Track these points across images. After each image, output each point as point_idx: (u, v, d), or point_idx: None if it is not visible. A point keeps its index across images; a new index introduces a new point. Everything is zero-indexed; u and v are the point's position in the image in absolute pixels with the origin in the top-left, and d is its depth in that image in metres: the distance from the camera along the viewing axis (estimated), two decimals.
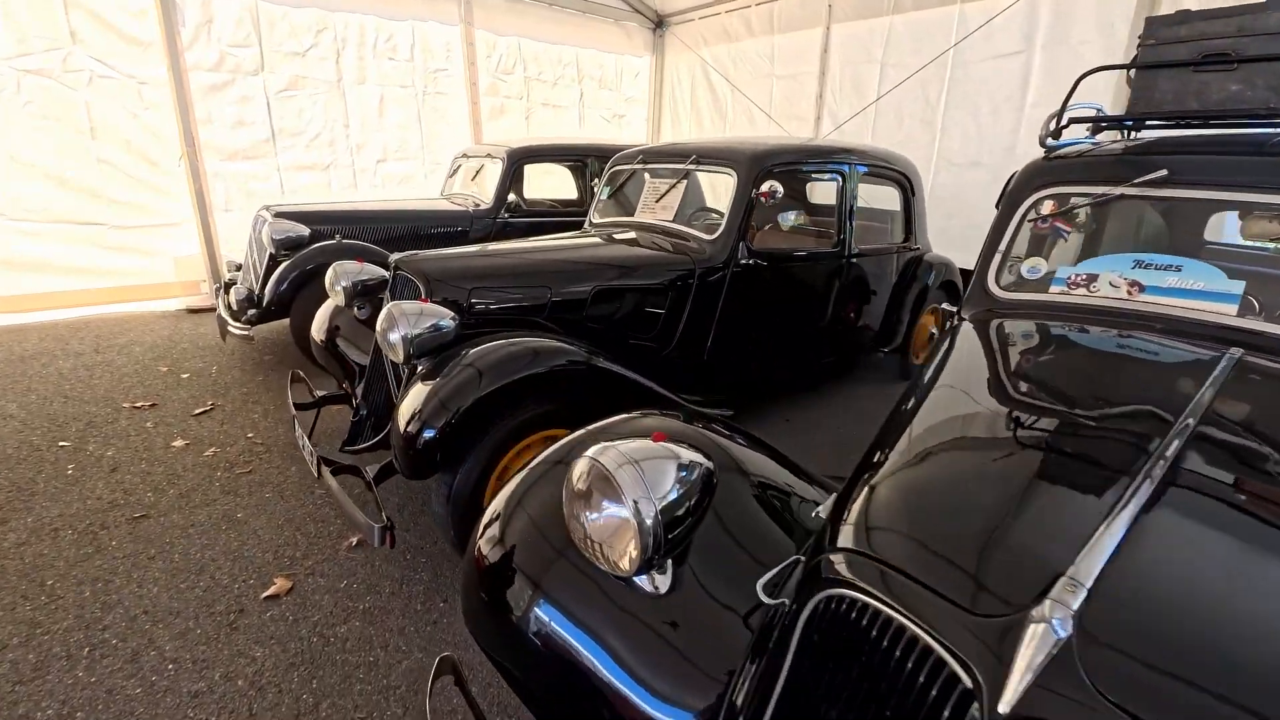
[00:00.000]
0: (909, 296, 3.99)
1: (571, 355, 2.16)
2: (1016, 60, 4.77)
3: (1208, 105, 1.88)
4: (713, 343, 2.99)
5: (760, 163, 2.92)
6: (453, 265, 2.53)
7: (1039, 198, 1.96)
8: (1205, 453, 1.07)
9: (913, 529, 0.97)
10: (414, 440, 1.89)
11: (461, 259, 2.61)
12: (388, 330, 2.09)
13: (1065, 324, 1.75)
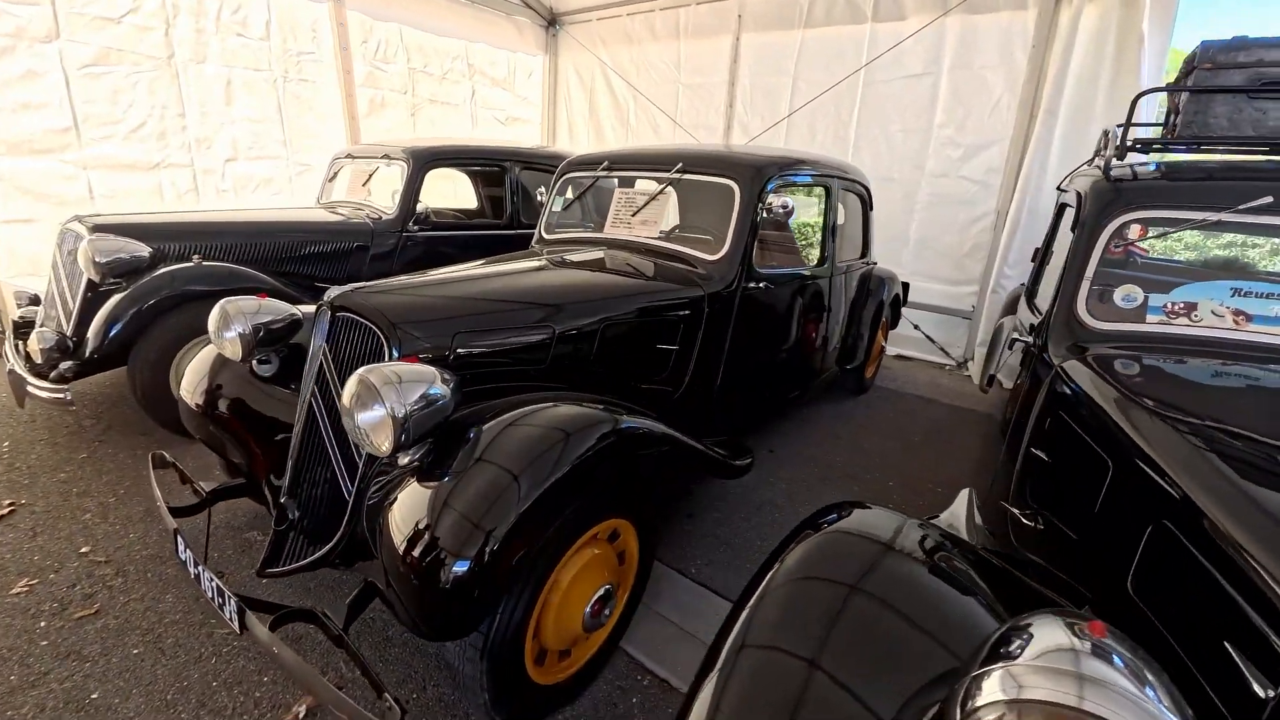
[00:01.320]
0: (866, 313, 3.93)
1: (622, 421, 1.65)
2: (924, 81, 4.98)
3: (1263, 132, 1.88)
4: (722, 379, 2.61)
5: (765, 174, 2.60)
6: (423, 302, 1.90)
7: (1126, 220, 1.82)
8: None
9: None
10: (437, 581, 1.27)
11: (429, 292, 1.97)
12: (360, 409, 1.43)
13: (1225, 362, 1.61)
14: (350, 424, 1.45)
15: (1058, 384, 1.69)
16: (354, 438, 1.48)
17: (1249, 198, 1.66)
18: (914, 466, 3.31)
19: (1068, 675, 0.66)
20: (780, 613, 0.95)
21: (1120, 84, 4.15)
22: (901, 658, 0.88)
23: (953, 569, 1.06)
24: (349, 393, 1.43)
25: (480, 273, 2.29)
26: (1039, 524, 1.57)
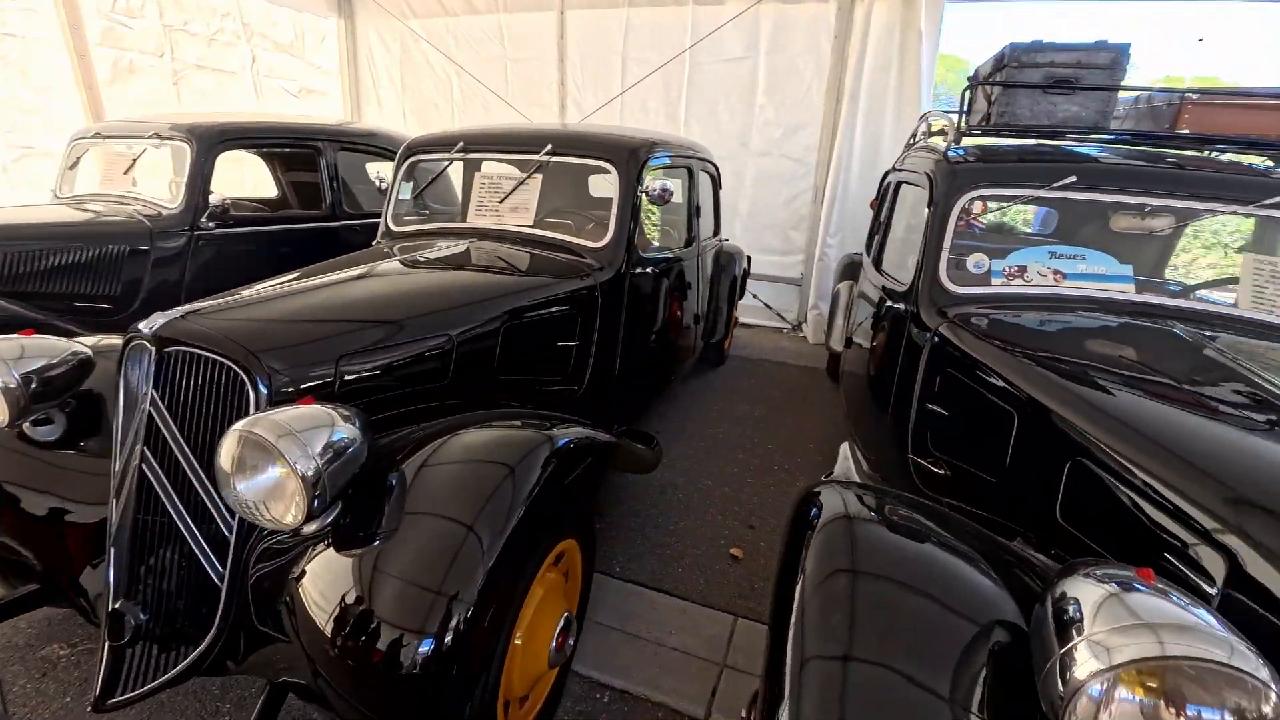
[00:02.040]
0: (723, 288, 4.11)
1: (557, 438, 1.50)
2: (745, 65, 5.27)
3: (1054, 122, 2.26)
4: (619, 370, 2.53)
5: (640, 156, 2.54)
6: (287, 322, 1.55)
7: (971, 197, 2.08)
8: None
9: None
10: (399, 668, 1.04)
11: (287, 308, 1.62)
12: (247, 475, 1.11)
13: (1062, 315, 1.91)
14: (233, 495, 1.12)
15: (941, 344, 1.90)
16: (240, 510, 1.15)
17: (1059, 177, 1.99)
18: (786, 428, 3.57)
19: (1143, 628, 0.72)
20: (827, 620, 0.93)
21: (906, 73, 4.76)
22: (944, 635, 0.91)
23: (938, 535, 1.12)
24: (227, 455, 1.10)
25: (340, 277, 1.93)
26: (946, 472, 1.77)
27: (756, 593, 2.19)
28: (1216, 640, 0.71)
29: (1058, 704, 0.74)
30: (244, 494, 1.10)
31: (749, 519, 2.63)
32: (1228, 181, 1.97)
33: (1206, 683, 0.69)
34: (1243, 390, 1.41)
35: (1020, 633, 0.91)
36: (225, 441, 1.11)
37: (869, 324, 2.80)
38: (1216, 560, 1.00)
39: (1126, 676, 0.70)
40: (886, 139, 4.99)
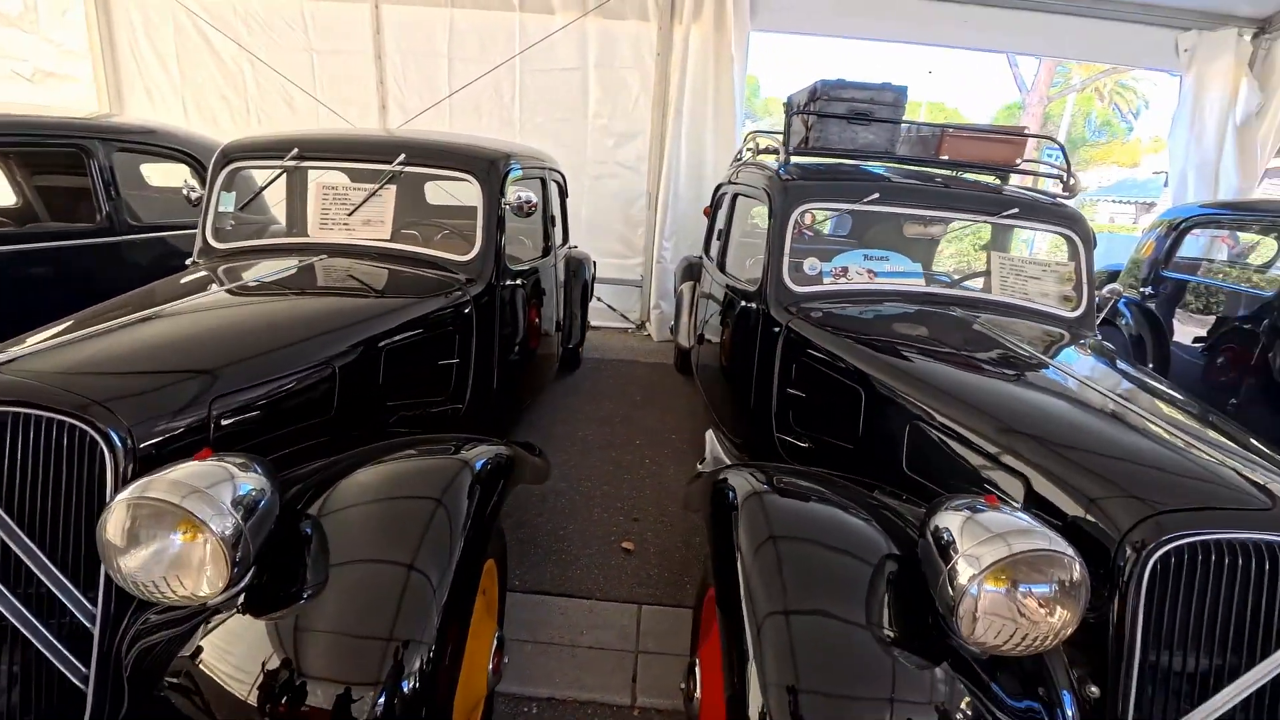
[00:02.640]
0: (575, 294, 4.22)
1: (474, 460, 1.49)
2: (576, 75, 5.40)
3: (858, 146, 2.71)
4: (497, 385, 2.51)
5: (501, 167, 2.53)
6: (143, 362, 1.34)
7: (802, 210, 2.43)
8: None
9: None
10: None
11: (131, 344, 1.41)
12: (143, 545, 0.96)
13: (873, 305, 2.31)
14: (127, 577, 0.96)
15: (792, 336, 2.21)
16: (138, 591, 0.98)
17: (868, 193, 2.41)
18: (648, 423, 3.78)
19: (995, 538, 0.98)
20: (768, 584, 1.09)
21: (721, 91, 5.27)
22: (854, 575, 1.12)
23: (828, 496, 1.35)
24: (116, 529, 0.94)
25: (183, 307, 1.69)
26: (810, 445, 2.07)
27: (653, 580, 2.33)
28: (1039, 535, 1.00)
29: (951, 605, 0.98)
30: (141, 573, 0.95)
31: (632, 512, 2.78)
32: (976, 197, 2.55)
33: (1039, 566, 0.97)
34: (999, 353, 1.89)
35: (904, 560, 1.16)
36: (111, 515, 0.95)
37: (719, 321, 3.10)
38: (1015, 483, 1.35)
39: (991, 576, 0.96)
40: (709, 150, 5.47)
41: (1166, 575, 1.08)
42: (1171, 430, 1.39)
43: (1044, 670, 1.11)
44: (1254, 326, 3.61)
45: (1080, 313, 2.40)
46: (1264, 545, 1.07)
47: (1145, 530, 1.10)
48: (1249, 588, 1.08)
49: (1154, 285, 4.25)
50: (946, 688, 1.01)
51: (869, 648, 1.03)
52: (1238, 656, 1.07)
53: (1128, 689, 1.07)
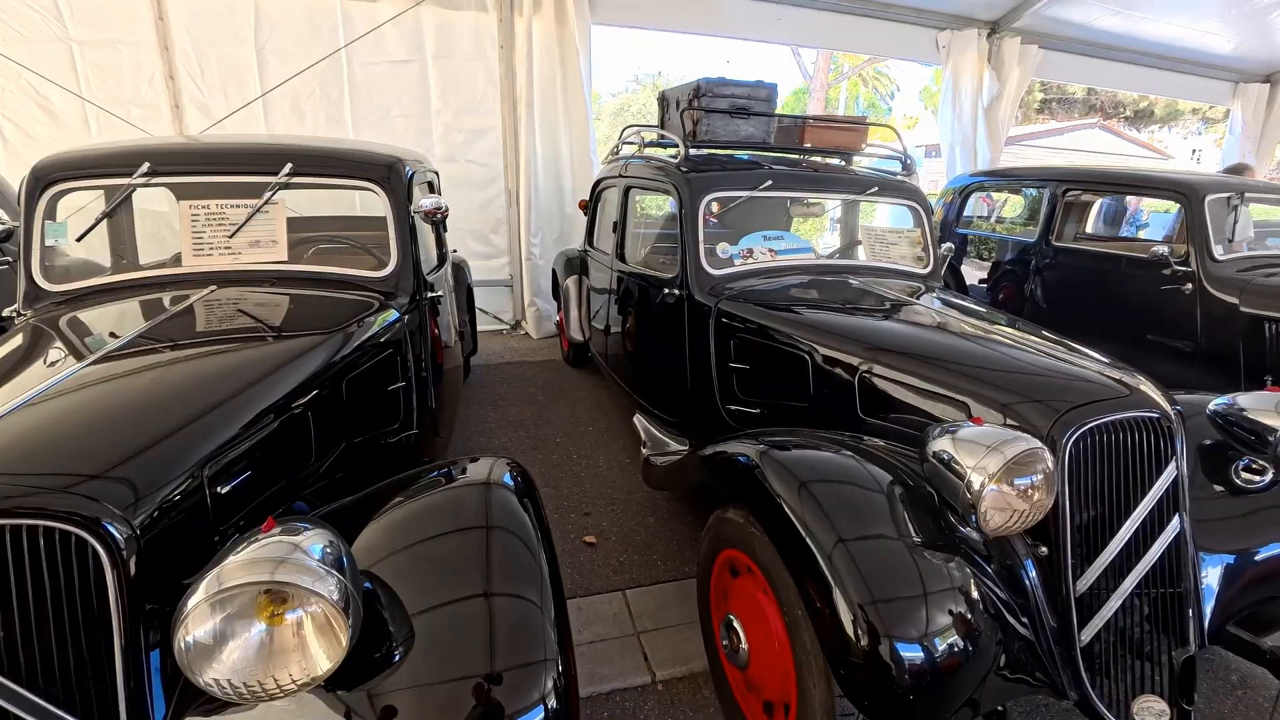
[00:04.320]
0: (463, 300, 4.06)
1: (496, 470, 1.46)
2: (412, 67, 5.08)
3: (741, 139, 2.98)
4: (435, 404, 2.39)
5: (401, 172, 2.38)
6: (108, 436, 1.13)
7: (709, 199, 2.63)
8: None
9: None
10: None
11: (71, 416, 1.16)
12: (224, 649, 0.85)
13: (777, 279, 2.59)
14: (221, 677, 0.84)
15: (721, 315, 2.41)
16: (232, 695, 0.85)
17: (762, 181, 2.68)
18: (560, 419, 3.80)
19: (991, 449, 1.27)
20: (817, 520, 1.29)
21: (570, 85, 5.31)
22: (875, 502, 1.35)
23: (821, 443, 1.56)
24: (201, 627, 0.82)
25: (134, 366, 1.40)
26: (762, 410, 2.29)
27: (625, 565, 2.42)
28: (1020, 439, 1.30)
29: (971, 506, 1.24)
30: (239, 673, 0.84)
31: (581, 508, 2.82)
32: (845, 179, 2.96)
33: (1025, 462, 1.26)
34: (879, 303, 2.31)
35: (903, 483, 1.40)
36: (190, 619, 0.82)
37: (626, 309, 3.22)
38: (953, 410, 1.68)
39: (995, 478, 1.23)
40: (564, 144, 5.50)
41: (1078, 456, 1.44)
42: (1037, 347, 1.82)
43: (1009, 544, 1.43)
44: (1021, 265, 4.61)
45: (930, 269, 2.92)
46: (1130, 421, 1.48)
47: (1059, 428, 1.46)
48: (1125, 454, 1.48)
49: (950, 241, 5.20)
50: (960, 573, 1.27)
51: (907, 556, 1.25)
52: (1125, 504, 1.48)
53: (1064, 543, 1.42)
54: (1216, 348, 3.58)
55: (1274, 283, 3.49)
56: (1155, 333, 3.87)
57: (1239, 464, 1.76)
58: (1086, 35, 6.77)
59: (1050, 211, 4.40)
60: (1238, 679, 2.01)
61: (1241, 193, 3.81)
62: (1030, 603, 1.39)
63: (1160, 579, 1.49)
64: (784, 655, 1.40)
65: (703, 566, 1.80)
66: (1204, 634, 1.54)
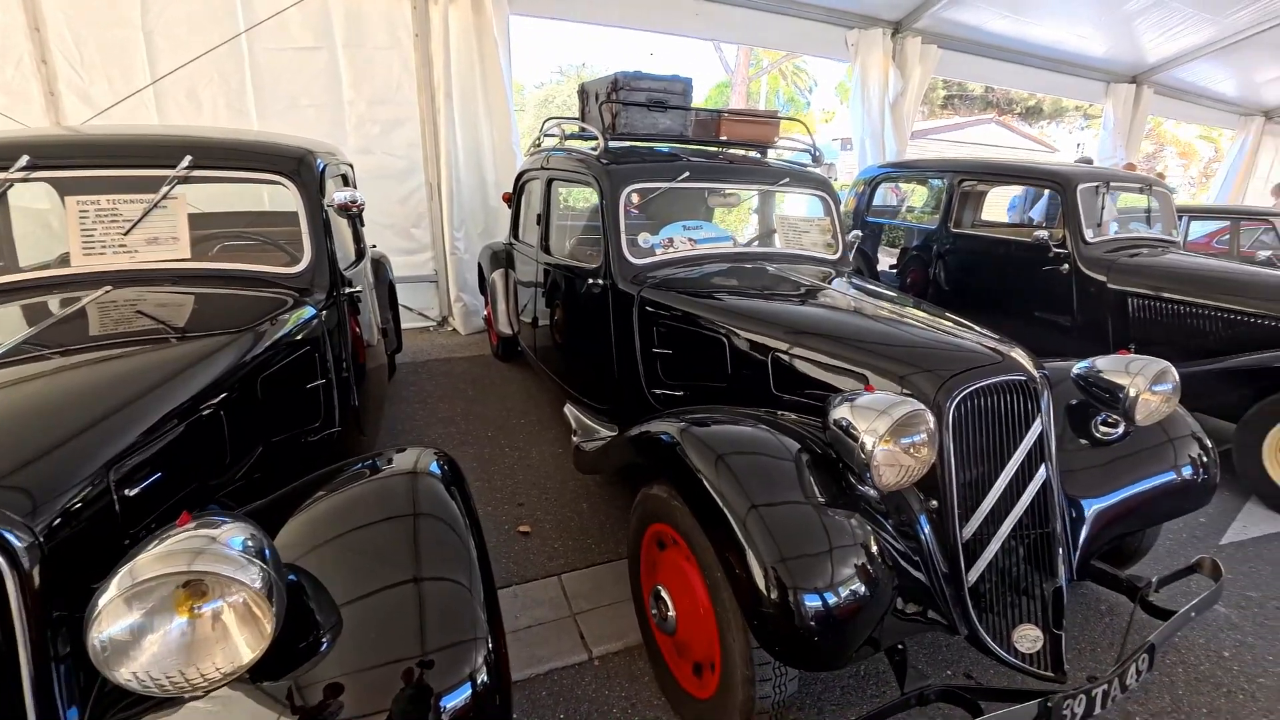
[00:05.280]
0: (385, 297, 3.96)
1: (420, 461, 1.47)
2: (321, 55, 4.86)
3: (659, 131, 3.06)
4: (358, 402, 2.34)
5: (312, 164, 2.31)
6: None
7: (630, 191, 2.70)
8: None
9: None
10: None
11: None
12: (147, 641, 0.84)
13: (697, 267, 2.69)
14: (141, 670, 0.83)
15: (645, 303, 2.49)
16: (153, 690, 0.84)
17: (681, 172, 2.77)
18: (491, 413, 3.79)
19: (880, 413, 1.39)
20: (732, 489, 1.39)
21: (490, 76, 5.23)
22: (785, 468, 1.46)
23: (736, 417, 1.67)
24: (116, 621, 0.81)
25: (23, 374, 1.31)
26: (684, 392, 2.39)
27: (560, 551, 2.47)
28: (905, 403, 1.45)
29: (865, 465, 1.37)
30: (160, 665, 0.83)
31: (515, 499, 2.84)
32: (759, 171, 3.10)
33: (910, 423, 1.41)
34: (794, 288, 2.44)
35: (808, 450, 1.53)
36: (104, 613, 0.81)
37: (553, 301, 3.25)
38: (851, 381, 1.82)
39: (884, 439, 1.37)
40: (486, 136, 5.42)
41: (960, 418, 1.61)
42: (928, 323, 2.00)
43: (904, 499, 1.58)
44: (925, 251, 4.96)
45: (839, 255, 3.11)
46: (1003, 385, 1.66)
47: (943, 394, 1.62)
48: (999, 414, 1.66)
49: (862, 229, 5.51)
50: (860, 528, 1.40)
51: (812, 516, 1.37)
52: (1000, 458, 1.66)
53: (951, 496, 1.58)
54: (1090, 321, 4.00)
55: (1136, 262, 3.93)
56: (1041, 309, 4.27)
57: (1098, 419, 2.00)
58: (980, 37, 7.30)
59: (948, 201, 4.75)
60: (1106, 608, 2.30)
61: (1108, 182, 4.25)
62: (923, 550, 1.54)
63: (1033, 522, 1.68)
64: (708, 617, 1.49)
65: (632, 542, 1.88)
66: (1072, 569, 1.75)
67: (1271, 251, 5.39)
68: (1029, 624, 1.61)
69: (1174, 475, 1.97)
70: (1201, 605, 1.81)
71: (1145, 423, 1.92)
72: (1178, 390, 1.94)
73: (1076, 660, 2.03)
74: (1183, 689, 1.97)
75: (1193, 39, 7.81)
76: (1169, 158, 24.40)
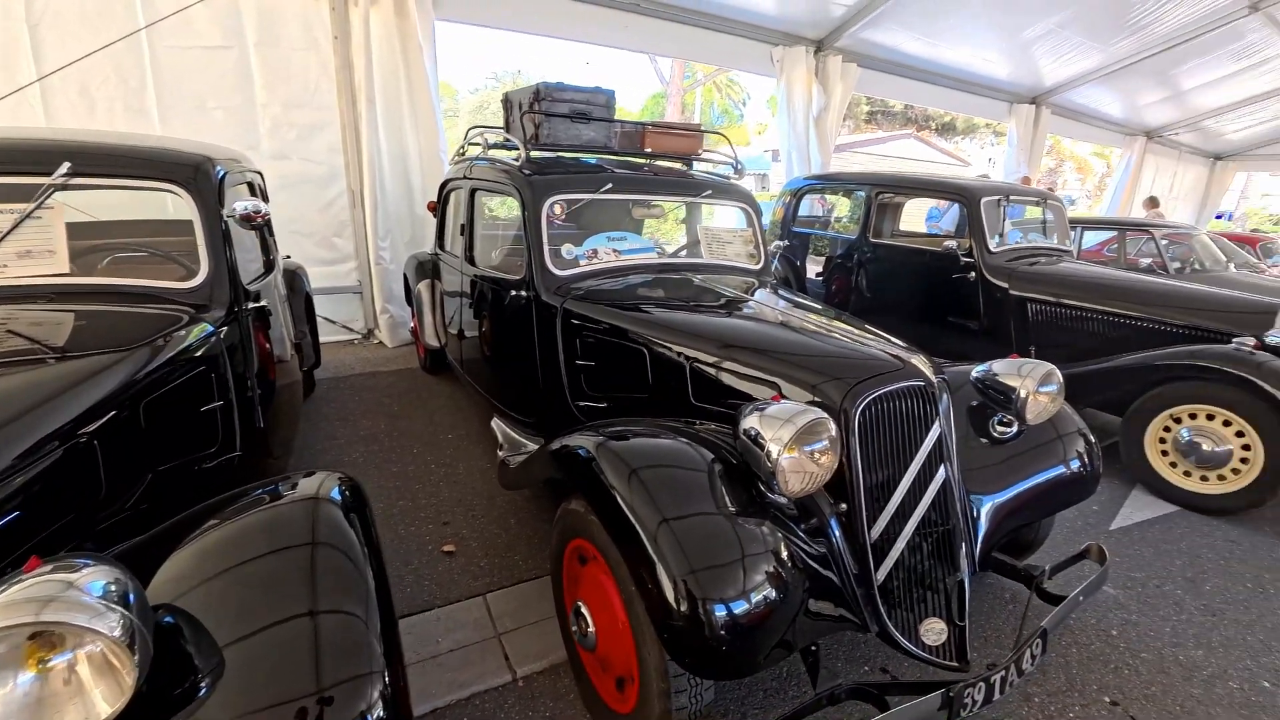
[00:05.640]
0: (301, 309, 3.78)
1: (324, 485, 1.41)
2: (231, 55, 4.61)
3: (584, 142, 3.06)
4: (264, 424, 2.22)
5: (210, 171, 2.17)
6: None
7: (552, 202, 2.69)
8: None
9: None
10: None
11: None
12: None
13: (622, 278, 2.70)
14: None
15: (569, 315, 2.47)
16: None
17: (604, 184, 2.78)
18: (417, 428, 3.67)
19: (787, 423, 1.42)
20: (645, 503, 1.38)
21: (415, 82, 5.11)
22: (698, 479, 1.49)
23: (653, 430, 1.68)
24: None
25: None
26: (608, 404, 2.38)
27: (486, 569, 2.41)
28: (804, 411, 1.49)
29: (771, 473, 1.40)
30: None
31: (440, 517, 2.76)
32: (682, 183, 3.15)
33: (813, 430, 1.45)
34: (716, 299, 2.49)
35: (722, 460, 1.55)
36: None
37: (480, 313, 3.20)
38: (766, 390, 1.87)
39: (789, 447, 1.40)
40: (411, 143, 5.28)
41: (866, 422, 1.68)
42: (840, 332, 2.08)
43: (815, 504, 1.63)
44: (847, 260, 5.17)
45: (761, 265, 3.20)
46: (904, 390, 1.75)
47: (849, 400, 1.69)
48: (901, 418, 1.75)
49: (788, 238, 5.69)
50: (771, 535, 1.43)
51: (726, 525, 1.39)
52: (904, 460, 1.74)
53: (859, 499, 1.64)
54: (995, 325, 4.28)
55: (1034, 270, 4.23)
56: (953, 315, 4.53)
57: (994, 419, 2.13)
58: (896, 57, 7.72)
59: (867, 212, 4.97)
60: (1010, 596, 2.44)
61: (1008, 195, 4.56)
62: (834, 552, 1.59)
63: (936, 520, 1.77)
64: (626, 631, 1.49)
65: (554, 558, 1.86)
66: (974, 562, 1.85)
67: (1152, 259, 5.92)
68: (935, 617, 1.69)
69: (1063, 469, 2.11)
70: (1088, 589, 1.95)
71: (1035, 421, 2.06)
72: (1062, 390, 2.09)
73: (983, 648, 2.15)
74: (1076, 668, 2.11)
75: (1083, 64, 8.52)
76: (1068, 172, 26.52)
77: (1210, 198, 14.13)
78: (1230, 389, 3.05)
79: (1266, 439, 2.97)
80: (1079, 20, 7.24)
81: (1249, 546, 2.92)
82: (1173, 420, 3.26)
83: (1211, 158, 13.75)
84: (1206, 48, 8.02)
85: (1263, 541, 2.97)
